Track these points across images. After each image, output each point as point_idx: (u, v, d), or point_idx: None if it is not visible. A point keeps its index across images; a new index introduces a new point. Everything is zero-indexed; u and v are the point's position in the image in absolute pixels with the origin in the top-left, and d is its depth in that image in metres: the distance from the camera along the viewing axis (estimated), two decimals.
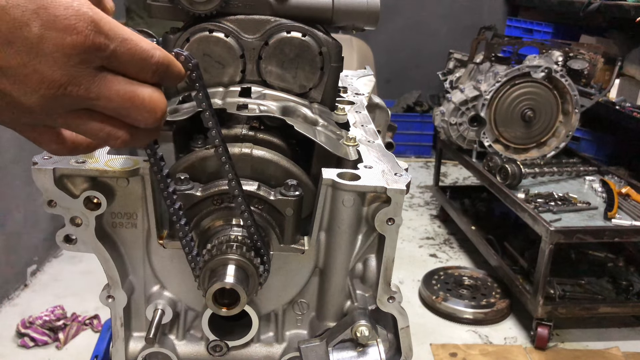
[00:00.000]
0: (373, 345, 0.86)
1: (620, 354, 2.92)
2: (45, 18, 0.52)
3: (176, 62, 0.63)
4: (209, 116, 0.71)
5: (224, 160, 0.76)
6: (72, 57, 0.54)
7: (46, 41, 0.52)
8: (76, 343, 2.84)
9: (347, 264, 0.90)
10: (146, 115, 0.60)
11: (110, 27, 0.55)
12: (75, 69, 0.54)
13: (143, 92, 0.59)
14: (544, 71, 3.36)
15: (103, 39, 0.55)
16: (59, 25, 0.52)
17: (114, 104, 0.58)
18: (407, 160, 5.45)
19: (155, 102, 0.60)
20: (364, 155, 0.93)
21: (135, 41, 0.57)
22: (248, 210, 0.80)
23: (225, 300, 0.80)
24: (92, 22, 0.54)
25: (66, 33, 0.53)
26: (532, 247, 3.22)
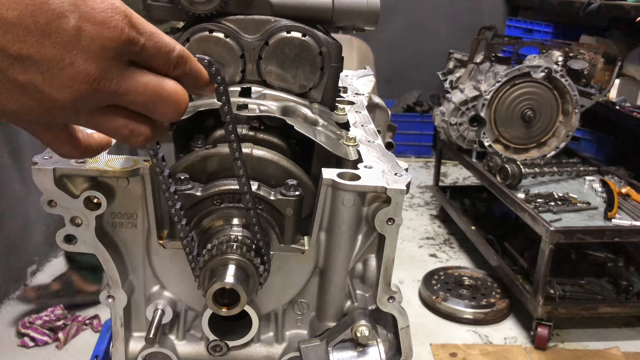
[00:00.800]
0: (373, 345, 0.86)
1: (620, 354, 2.92)
2: (83, 10, 0.52)
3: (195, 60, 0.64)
4: (227, 111, 0.71)
5: (236, 156, 0.76)
6: (108, 51, 0.54)
7: (83, 34, 0.52)
8: (76, 343, 2.84)
9: (347, 264, 0.90)
10: (172, 108, 0.60)
11: (140, 21, 0.56)
12: (108, 62, 0.54)
13: (169, 85, 0.60)
14: (544, 71, 3.36)
15: (135, 33, 0.55)
16: (96, 18, 0.53)
17: (143, 97, 0.58)
18: (407, 160, 5.45)
19: (180, 95, 0.61)
20: (364, 155, 0.93)
21: (161, 35, 0.58)
22: (254, 208, 0.80)
23: (225, 300, 0.80)
24: (126, 16, 0.55)
25: (103, 26, 0.53)
26: (532, 247, 3.22)
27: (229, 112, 0.71)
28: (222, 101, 0.70)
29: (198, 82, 0.65)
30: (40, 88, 0.53)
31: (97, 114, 0.58)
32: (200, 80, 0.65)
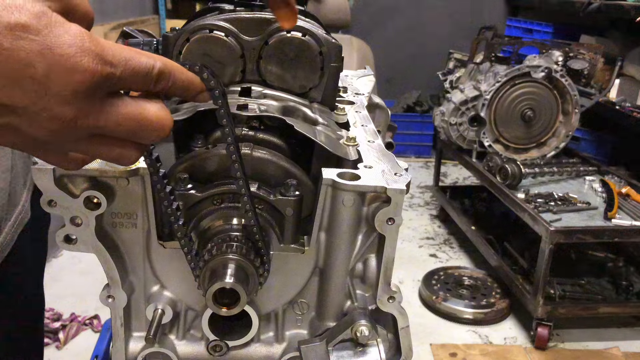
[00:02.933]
0: (373, 345, 0.86)
1: (620, 354, 2.92)
2: (50, 58, 0.52)
3: (184, 70, 0.63)
4: (224, 114, 0.71)
5: (234, 159, 0.75)
6: (81, 92, 0.54)
7: (53, 81, 0.52)
8: (76, 343, 2.84)
9: (347, 264, 0.90)
10: (155, 133, 0.61)
11: (113, 53, 0.56)
12: (83, 102, 0.55)
13: (149, 111, 0.60)
14: (544, 71, 3.37)
15: (109, 68, 0.55)
16: (65, 65, 0.52)
17: (123, 127, 0.58)
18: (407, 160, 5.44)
19: (162, 119, 0.61)
20: (364, 155, 0.93)
21: (137, 58, 0.57)
22: (253, 210, 0.80)
23: (225, 300, 0.80)
24: (96, 55, 0.54)
25: (73, 72, 0.53)
26: (532, 247, 3.22)
27: (226, 116, 0.71)
28: (218, 105, 0.70)
29: (189, 91, 0.65)
30: (19, 128, 0.55)
31: (83, 142, 0.59)
32: (191, 89, 0.65)
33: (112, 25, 4.22)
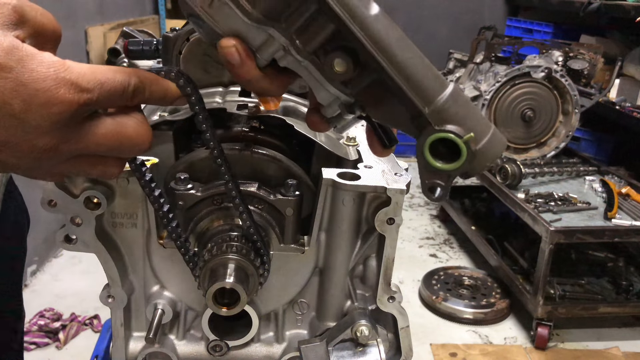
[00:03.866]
0: (373, 345, 0.86)
1: (620, 354, 2.92)
2: (25, 94, 0.52)
3: (159, 80, 0.63)
4: (202, 119, 0.71)
5: (219, 163, 0.76)
6: (60, 122, 0.54)
7: (31, 115, 0.52)
8: (76, 343, 2.84)
9: (347, 263, 0.90)
10: (136, 148, 0.61)
11: (88, 78, 0.55)
12: (63, 130, 0.55)
13: (128, 128, 0.60)
14: (544, 71, 3.36)
15: (86, 94, 0.55)
16: (41, 99, 0.52)
17: (103, 147, 0.59)
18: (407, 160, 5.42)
19: (141, 134, 0.61)
20: (364, 155, 0.93)
21: (111, 78, 0.57)
22: (246, 212, 0.80)
23: (225, 300, 0.80)
24: (72, 84, 0.54)
25: (50, 104, 0.53)
26: (532, 247, 3.22)
27: (205, 121, 0.71)
28: (195, 111, 0.70)
29: (166, 99, 0.65)
30: (1, 160, 0.55)
31: (65, 164, 0.59)
32: (168, 97, 0.65)
33: (112, 25, 4.22)
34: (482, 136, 0.59)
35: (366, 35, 0.57)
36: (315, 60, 0.61)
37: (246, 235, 0.83)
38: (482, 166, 0.60)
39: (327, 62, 0.60)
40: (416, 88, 0.58)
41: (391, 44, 0.58)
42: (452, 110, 0.58)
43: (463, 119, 0.58)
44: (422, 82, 0.58)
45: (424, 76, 0.58)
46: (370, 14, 0.57)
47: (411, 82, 0.58)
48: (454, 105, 0.58)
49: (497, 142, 0.61)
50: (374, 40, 0.57)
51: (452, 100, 0.58)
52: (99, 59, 3.84)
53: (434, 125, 0.58)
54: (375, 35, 0.57)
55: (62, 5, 3.48)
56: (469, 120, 0.59)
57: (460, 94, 0.60)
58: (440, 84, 0.59)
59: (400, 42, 0.59)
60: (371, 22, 0.57)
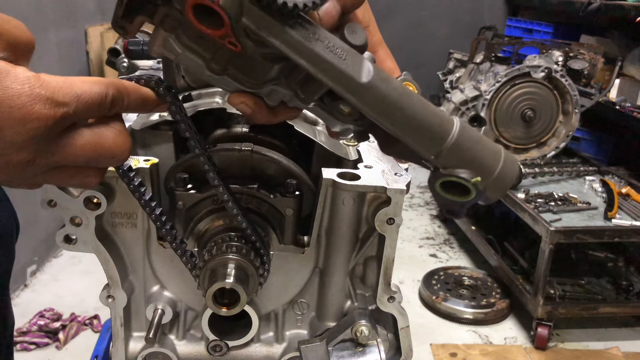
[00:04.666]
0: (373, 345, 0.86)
1: (620, 354, 2.92)
2: (1, 112, 0.51)
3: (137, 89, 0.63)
4: (185, 127, 0.71)
5: (207, 169, 0.76)
6: (35, 137, 0.53)
7: (6, 132, 0.52)
8: (76, 343, 2.84)
9: (347, 264, 0.90)
10: (114, 159, 0.61)
11: (64, 92, 0.55)
12: (40, 144, 0.54)
13: (107, 139, 0.60)
14: (544, 71, 3.36)
15: (63, 108, 0.54)
16: (16, 116, 0.52)
17: (81, 158, 0.59)
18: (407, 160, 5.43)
19: (119, 144, 0.61)
20: (364, 155, 0.93)
21: (88, 91, 0.57)
22: (241, 214, 0.80)
23: (225, 300, 0.80)
24: (47, 99, 0.53)
25: (25, 121, 0.52)
26: (532, 247, 3.22)
27: (188, 129, 0.71)
28: (176, 119, 0.70)
29: (145, 107, 0.65)
30: None
31: (43, 176, 0.59)
32: (147, 105, 0.65)
33: None
34: (491, 170, 0.59)
35: (361, 103, 0.57)
36: (321, 105, 0.62)
37: (245, 236, 0.83)
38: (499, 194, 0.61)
39: (332, 105, 0.61)
40: (419, 140, 0.59)
41: (388, 107, 0.58)
42: (457, 155, 0.58)
43: (470, 161, 0.59)
44: (424, 135, 0.58)
45: (426, 128, 0.58)
46: (361, 83, 0.57)
47: (413, 136, 0.58)
48: (459, 149, 0.59)
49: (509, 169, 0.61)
50: (369, 106, 0.57)
51: (457, 145, 0.58)
52: (98, 59, 3.84)
53: (442, 170, 0.59)
54: (370, 102, 0.57)
55: (62, 5, 3.48)
56: (476, 160, 0.59)
57: (465, 135, 0.59)
58: (444, 131, 0.59)
59: (399, 101, 0.58)
60: (364, 92, 0.57)
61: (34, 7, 3.13)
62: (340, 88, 0.57)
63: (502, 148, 0.62)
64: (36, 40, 0.59)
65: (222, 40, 0.55)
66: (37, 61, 3.66)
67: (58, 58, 3.40)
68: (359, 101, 0.57)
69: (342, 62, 0.56)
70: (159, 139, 0.94)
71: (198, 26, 0.54)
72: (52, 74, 0.56)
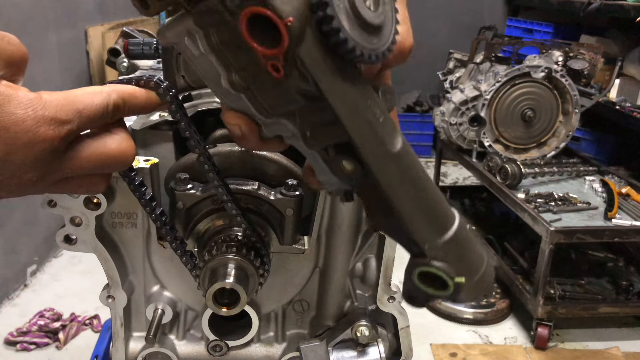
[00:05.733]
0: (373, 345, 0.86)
1: (620, 354, 2.92)
2: (6, 138, 0.52)
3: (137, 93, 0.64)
4: (185, 127, 0.71)
5: (207, 169, 0.76)
6: (43, 158, 0.54)
7: (14, 157, 0.53)
8: (76, 343, 2.84)
9: (347, 264, 0.90)
10: (119, 165, 0.62)
11: (66, 110, 0.55)
12: (47, 163, 0.55)
13: (111, 147, 0.60)
14: (544, 71, 3.36)
15: (67, 126, 0.55)
16: (22, 140, 0.52)
17: (87, 168, 0.59)
18: None
19: (123, 151, 0.61)
20: None
21: (90, 104, 0.57)
22: (240, 214, 0.80)
23: (225, 300, 0.80)
24: (51, 120, 0.54)
25: (31, 144, 0.53)
26: (532, 247, 3.22)
27: (188, 128, 0.71)
28: (176, 118, 0.70)
29: (147, 109, 0.65)
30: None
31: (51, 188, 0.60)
32: (148, 107, 0.65)
33: (112, 25, 4.22)
34: (473, 275, 0.57)
35: (380, 170, 0.53)
36: (323, 153, 0.57)
37: (245, 236, 0.83)
38: (471, 297, 0.58)
39: (335, 158, 0.56)
40: (421, 224, 0.56)
41: (407, 181, 0.55)
42: (451, 251, 0.56)
43: (459, 260, 0.56)
44: (429, 220, 0.56)
45: (433, 213, 0.56)
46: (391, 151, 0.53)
47: (418, 218, 0.55)
48: (454, 246, 0.56)
49: (489, 276, 0.59)
50: (388, 176, 0.54)
51: (454, 242, 0.56)
52: (98, 59, 3.84)
53: (429, 259, 0.56)
54: (391, 172, 0.54)
55: (62, 5, 3.48)
56: (465, 260, 0.57)
57: (463, 233, 0.57)
58: (445, 224, 0.56)
59: (419, 178, 0.55)
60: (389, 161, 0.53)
61: (34, 7, 3.13)
62: (367, 149, 0.52)
63: (485, 253, 0.60)
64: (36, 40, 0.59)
65: (266, 60, 0.48)
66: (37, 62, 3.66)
67: (58, 58, 3.39)
68: (379, 168, 0.53)
69: (378, 124, 0.53)
70: (159, 139, 0.94)
71: (246, 37, 0.47)
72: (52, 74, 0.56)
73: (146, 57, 1.33)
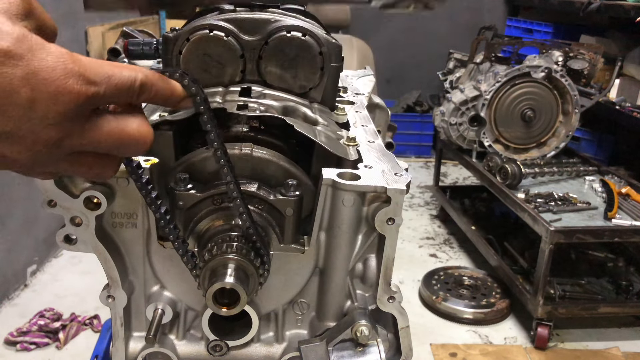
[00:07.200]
0: (373, 345, 0.86)
1: (620, 354, 2.92)
2: (34, 83, 0.51)
3: (164, 79, 0.64)
4: (207, 120, 0.71)
5: (222, 164, 0.76)
6: (66, 114, 0.53)
7: (38, 105, 0.52)
8: (76, 343, 2.84)
9: (347, 263, 0.90)
10: (135, 148, 0.61)
11: (96, 71, 0.55)
12: (68, 123, 0.54)
13: (131, 127, 0.60)
14: (544, 71, 3.36)
15: (93, 87, 0.54)
16: (49, 89, 0.52)
17: (104, 144, 0.59)
18: (407, 160, 5.44)
19: (143, 134, 0.61)
20: (364, 155, 0.93)
21: (118, 74, 0.57)
22: (247, 213, 0.80)
23: (225, 300, 0.80)
24: (80, 75, 0.53)
25: (58, 95, 0.52)
26: (532, 247, 3.22)
27: (210, 121, 0.71)
28: (200, 111, 0.70)
29: (171, 99, 0.65)
30: (2, 154, 0.54)
31: (62, 164, 0.59)
32: (174, 97, 0.65)
33: (112, 25, 4.22)
34: None
35: None
36: None
37: (246, 236, 0.83)
38: None
39: None
40: None
41: None
42: None
43: None
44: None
45: None
46: None
47: None
48: None
49: None
50: None
51: None
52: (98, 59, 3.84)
53: None
54: None
55: (62, 5, 3.48)
56: None
57: None
58: None
59: None
60: None
61: None
62: None
63: None
64: None
65: None
66: None
67: None
68: None
69: None
70: (159, 139, 0.93)
71: None
72: None
73: (146, 57, 1.33)
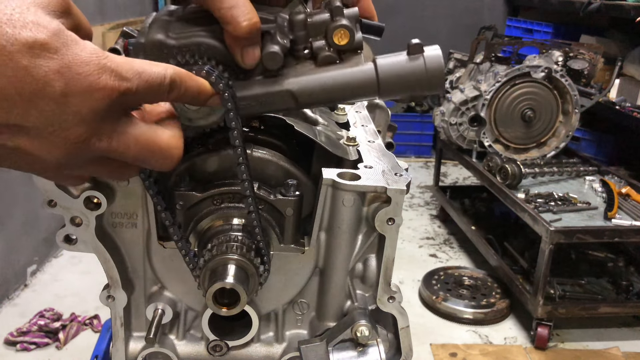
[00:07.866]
0: (373, 345, 0.86)
1: (620, 354, 2.92)
2: (68, 77, 0.51)
3: (192, 76, 0.63)
4: (233, 117, 0.71)
5: (240, 161, 0.76)
6: (99, 111, 0.53)
7: (71, 100, 0.51)
8: (76, 343, 2.84)
9: (347, 264, 0.90)
10: (162, 161, 0.60)
11: (128, 67, 0.55)
12: (99, 122, 0.54)
13: (162, 138, 0.59)
14: (544, 71, 3.36)
15: (126, 83, 0.54)
16: (83, 84, 0.51)
17: (133, 151, 0.58)
18: (407, 160, 5.44)
19: (173, 147, 0.61)
20: (364, 155, 0.93)
21: (148, 70, 0.57)
22: (256, 212, 0.80)
23: (225, 300, 0.80)
24: (113, 71, 0.53)
25: (91, 90, 0.52)
26: (532, 247, 3.22)
27: (236, 119, 0.71)
28: (228, 107, 0.69)
29: (200, 97, 0.64)
30: (29, 151, 0.53)
31: (89, 166, 0.58)
32: (203, 94, 0.64)
33: (112, 25, 4.22)
34: None
35: None
36: None
37: (247, 235, 0.83)
38: None
39: None
40: None
41: None
42: None
43: None
44: None
45: None
46: None
47: None
48: None
49: None
50: None
51: None
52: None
53: None
54: None
55: None
56: None
57: None
58: None
59: None
60: None
61: None
62: None
63: None
64: None
65: None
66: None
67: None
68: None
69: None
70: None
71: None
72: None
73: None
